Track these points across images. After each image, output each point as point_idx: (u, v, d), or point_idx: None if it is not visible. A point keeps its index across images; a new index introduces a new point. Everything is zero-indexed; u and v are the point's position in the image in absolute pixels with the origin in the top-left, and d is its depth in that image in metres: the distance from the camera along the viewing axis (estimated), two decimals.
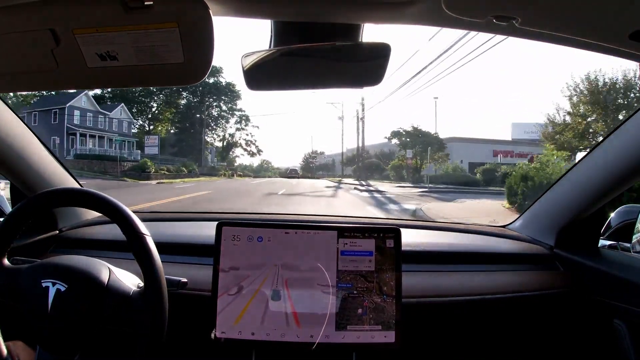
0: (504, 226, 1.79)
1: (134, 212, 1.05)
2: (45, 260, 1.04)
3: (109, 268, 1.05)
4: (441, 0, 0.75)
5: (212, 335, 1.12)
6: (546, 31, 0.86)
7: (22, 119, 1.35)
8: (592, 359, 1.40)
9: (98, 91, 31.62)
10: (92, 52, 0.82)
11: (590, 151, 1.38)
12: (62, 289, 0.97)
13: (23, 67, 0.89)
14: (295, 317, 1.13)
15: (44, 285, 0.97)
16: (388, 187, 21.32)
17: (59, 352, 1.00)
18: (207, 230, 1.37)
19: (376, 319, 1.14)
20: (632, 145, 1.22)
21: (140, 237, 1.00)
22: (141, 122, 37.22)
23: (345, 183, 27.23)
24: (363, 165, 32.77)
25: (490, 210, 10.66)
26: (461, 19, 0.82)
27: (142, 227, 1.02)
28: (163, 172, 25.85)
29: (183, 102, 38.50)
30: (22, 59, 0.86)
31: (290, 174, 41.78)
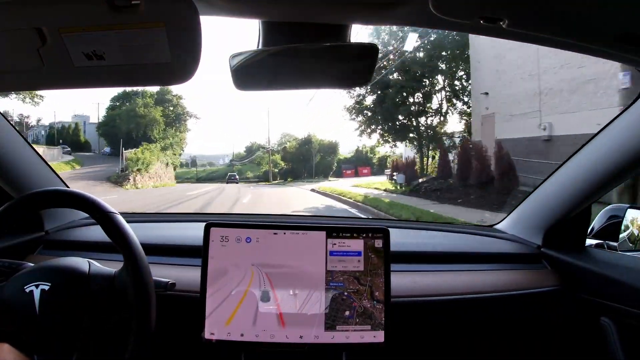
0: (491, 226, 1.80)
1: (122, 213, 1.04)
2: (24, 270, 1.04)
3: (88, 261, 1.06)
4: (428, 1, 0.75)
5: (202, 337, 1.12)
6: (533, 33, 0.87)
7: (8, 120, 1.34)
8: (579, 356, 1.42)
9: None
10: (78, 51, 0.81)
11: (578, 151, 1.40)
12: (46, 287, 0.97)
13: (8, 67, 0.87)
14: (284, 318, 1.13)
15: (27, 290, 0.97)
16: None
17: (56, 354, 0.99)
18: (195, 232, 1.36)
19: (365, 320, 1.14)
20: (619, 145, 1.24)
21: (107, 215, 1.02)
22: None
23: None
24: None
25: None
26: (448, 20, 0.83)
27: (109, 207, 1.03)
28: None
29: None
30: (6, 58, 0.85)
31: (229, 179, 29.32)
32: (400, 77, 18.81)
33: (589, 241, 1.57)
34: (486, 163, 11.83)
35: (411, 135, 19.58)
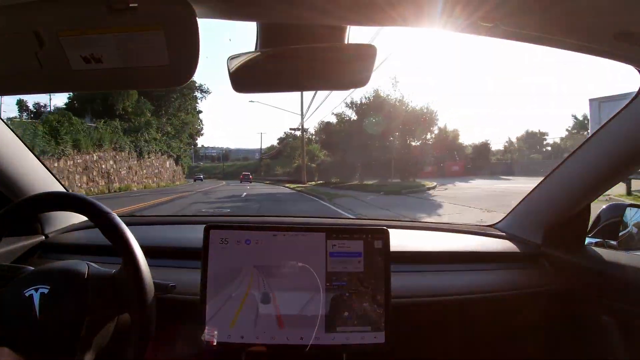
0: (491, 225, 1.80)
1: (120, 215, 1.04)
2: (23, 274, 1.04)
3: (87, 264, 1.06)
4: (426, 2, 0.75)
5: (202, 339, 1.12)
6: (533, 33, 0.87)
7: (6, 123, 1.34)
8: (581, 355, 1.42)
9: None
10: (76, 54, 0.81)
11: (577, 149, 1.40)
12: (45, 291, 0.97)
13: (5, 70, 0.87)
14: (284, 320, 1.13)
15: (27, 294, 0.97)
16: None
17: (56, 357, 0.99)
18: (195, 234, 1.36)
19: (365, 320, 1.14)
20: (618, 143, 1.24)
21: (105, 216, 1.02)
22: None
23: None
24: None
25: None
26: (447, 21, 0.83)
27: (107, 208, 1.04)
28: None
29: None
30: (4, 61, 0.85)
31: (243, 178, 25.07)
32: None
33: (589, 239, 1.57)
34: None
35: None
